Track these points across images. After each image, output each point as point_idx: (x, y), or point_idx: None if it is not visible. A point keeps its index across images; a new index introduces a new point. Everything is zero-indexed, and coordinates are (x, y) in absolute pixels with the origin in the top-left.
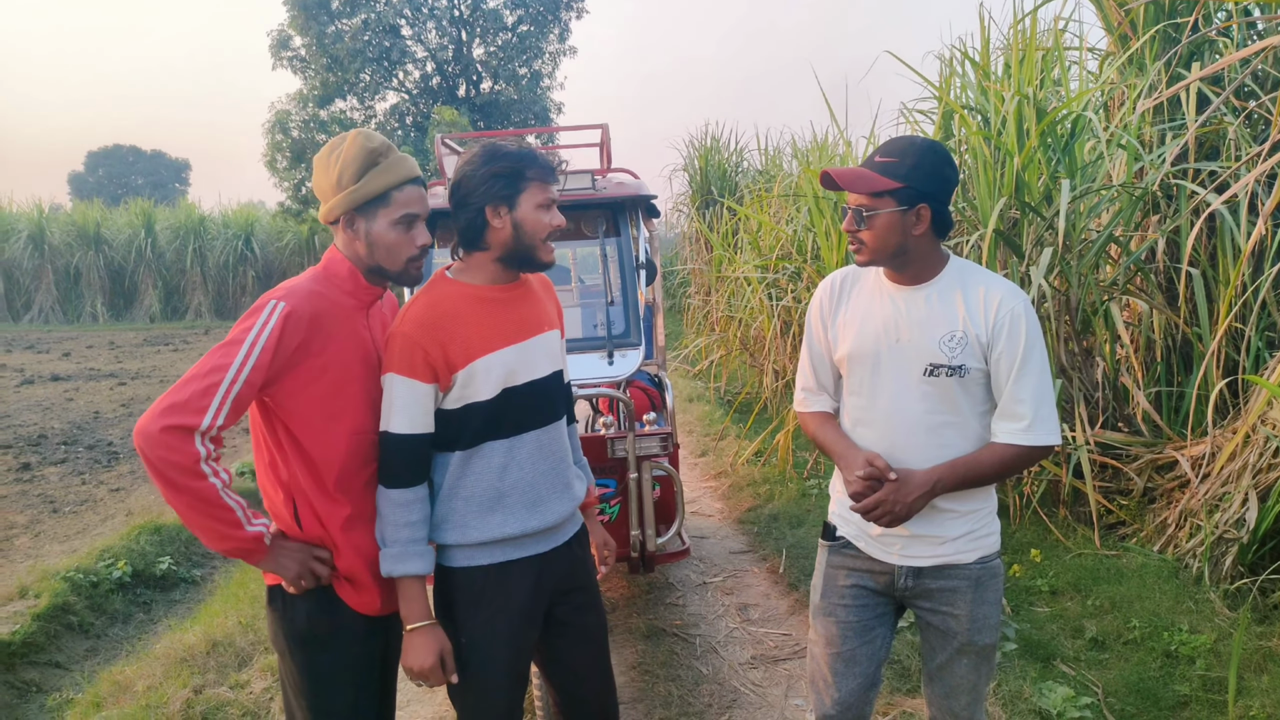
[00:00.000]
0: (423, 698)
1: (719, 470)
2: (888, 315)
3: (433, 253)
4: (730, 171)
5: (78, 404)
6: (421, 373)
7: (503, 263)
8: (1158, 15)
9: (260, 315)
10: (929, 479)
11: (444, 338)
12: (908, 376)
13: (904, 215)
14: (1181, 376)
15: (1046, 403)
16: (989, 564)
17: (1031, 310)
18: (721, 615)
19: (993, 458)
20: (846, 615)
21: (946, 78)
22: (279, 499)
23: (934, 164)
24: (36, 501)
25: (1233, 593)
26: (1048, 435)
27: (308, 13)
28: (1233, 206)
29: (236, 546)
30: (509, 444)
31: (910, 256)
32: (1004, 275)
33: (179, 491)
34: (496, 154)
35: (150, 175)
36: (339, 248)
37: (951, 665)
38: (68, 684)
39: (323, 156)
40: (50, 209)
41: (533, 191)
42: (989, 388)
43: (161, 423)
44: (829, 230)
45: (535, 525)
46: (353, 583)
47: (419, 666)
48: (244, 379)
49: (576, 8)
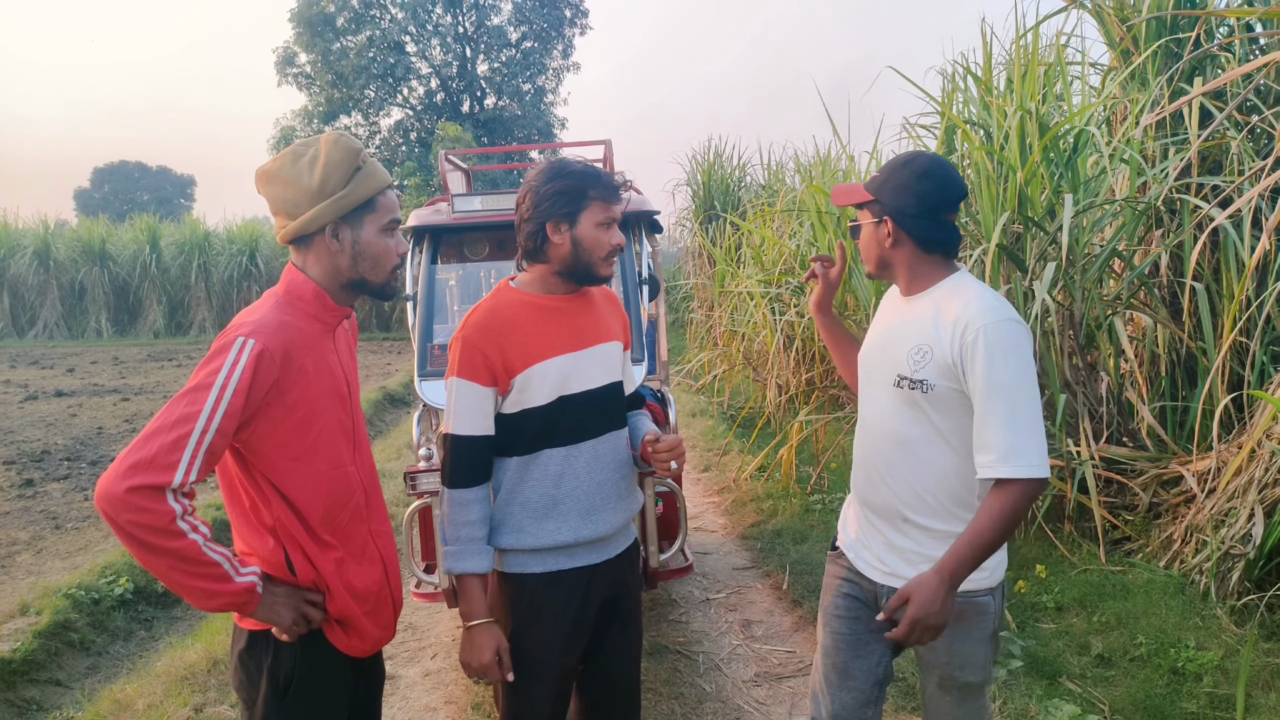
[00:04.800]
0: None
1: (722, 486)
2: (886, 324)
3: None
4: (733, 186)
5: (81, 420)
6: (481, 376)
7: (561, 276)
8: (1160, 30)
9: (228, 355)
10: (939, 572)
11: (503, 342)
12: (884, 386)
13: (876, 228)
14: (1186, 391)
15: (1024, 431)
16: (975, 599)
17: (1005, 329)
18: (724, 632)
19: (986, 515)
20: (839, 626)
21: (949, 92)
22: (267, 546)
23: (904, 178)
24: (39, 518)
25: (1239, 609)
26: (1026, 467)
27: (313, 30)
28: (1236, 221)
29: (227, 602)
30: (565, 452)
31: (893, 270)
32: (1006, 290)
33: (157, 554)
34: (561, 171)
35: (156, 191)
36: (302, 266)
37: (937, 697)
38: (68, 702)
39: (288, 164)
40: (56, 225)
41: (594, 210)
42: (967, 408)
43: (127, 483)
44: (832, 245)
45: (588, 534)
46: (343, 625)
47: (477, 663)
48: (215, 427)
49: (580, 24)
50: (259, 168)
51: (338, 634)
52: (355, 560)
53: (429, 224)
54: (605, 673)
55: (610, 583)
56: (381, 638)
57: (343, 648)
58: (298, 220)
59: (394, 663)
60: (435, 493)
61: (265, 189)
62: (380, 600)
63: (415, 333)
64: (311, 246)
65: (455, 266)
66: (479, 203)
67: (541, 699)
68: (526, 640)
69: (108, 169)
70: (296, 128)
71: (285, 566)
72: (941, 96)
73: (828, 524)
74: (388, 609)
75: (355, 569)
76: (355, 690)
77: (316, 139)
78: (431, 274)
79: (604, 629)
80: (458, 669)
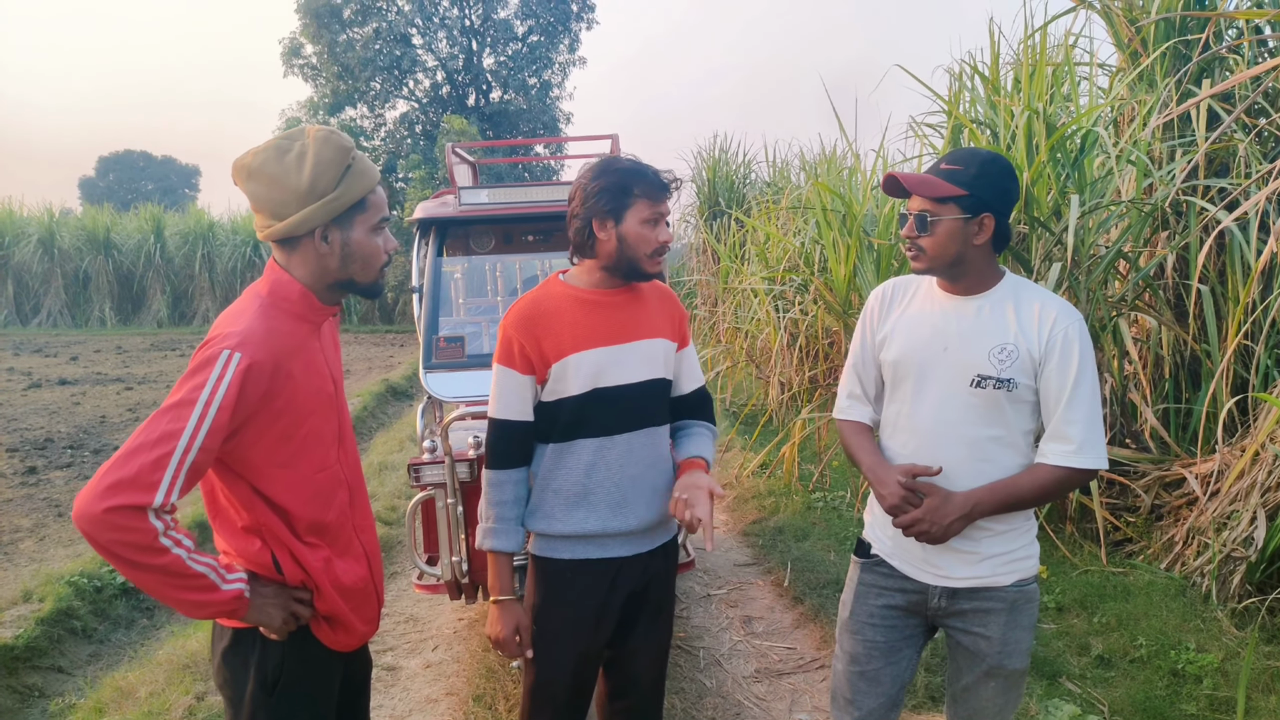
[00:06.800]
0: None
1: (724, 482)
2: (937, 324)
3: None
4: (738, 183)
5: (84, 408)
6: (518, 364)
7: (609, 271)
8: (1169, 32)
9: (213, 369)
10: (968, 501)
11: (539, 333)
12: (953, 387)
13: (966, 224)
14: (1190, 394)
15: (1096, 426)
16: (1025, 587)
17: (1086, 332)
18: (725, 628)
19: (1033, 482)
20: (874, 635)
21: (956, 92)
22: (253, 548)
23: (998, 174)
24: (42, 505)
25: (1240, 612)
26: (1096, 459)
27: (319, 21)
28: (1243, 224)
29: (216, 611)
30: (599, 444)
31: (967, 267)
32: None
33: (142, 570)
34: (608, 169)
35: (160, 181)
36: (287, 266)
37: (978, 688)
38: (70, 689)
39: (272, 160)
40: (60, 213)
41: (639, 208)
42: (1036, 406)
43: (106, 503)
44: (836, 243)
45: (616, 526)
46: (331, 622)
47: (495, 636)
48: (200, 445)
49: (587, 19)
50: (237, 160)
51: (325, 630)
52: (341, 557)
53: (436, 216)
54: (630, 663)
55: (640, 576)
56: (367, 632)
57: (330, 643)
58: (285, 222)
59: (395, 654)
60: (439, 485)
61: (245, 185)
62: (366, 595)
63: (420, 325)
64: (298, 248)
65: (461, 259)
66: (486, 196)
67: (560, 680)
68: (549, 621)
69: (113, 158)
70: (302, 119)
71: (273, 567)
72: (949, 95)
73: (829, 521)
74: (373, 604)
75: (342, 566)
76: (343, 684)
77: (302, 132)
78: (437, 266)
79: (632, 619)
80: (459, 661)
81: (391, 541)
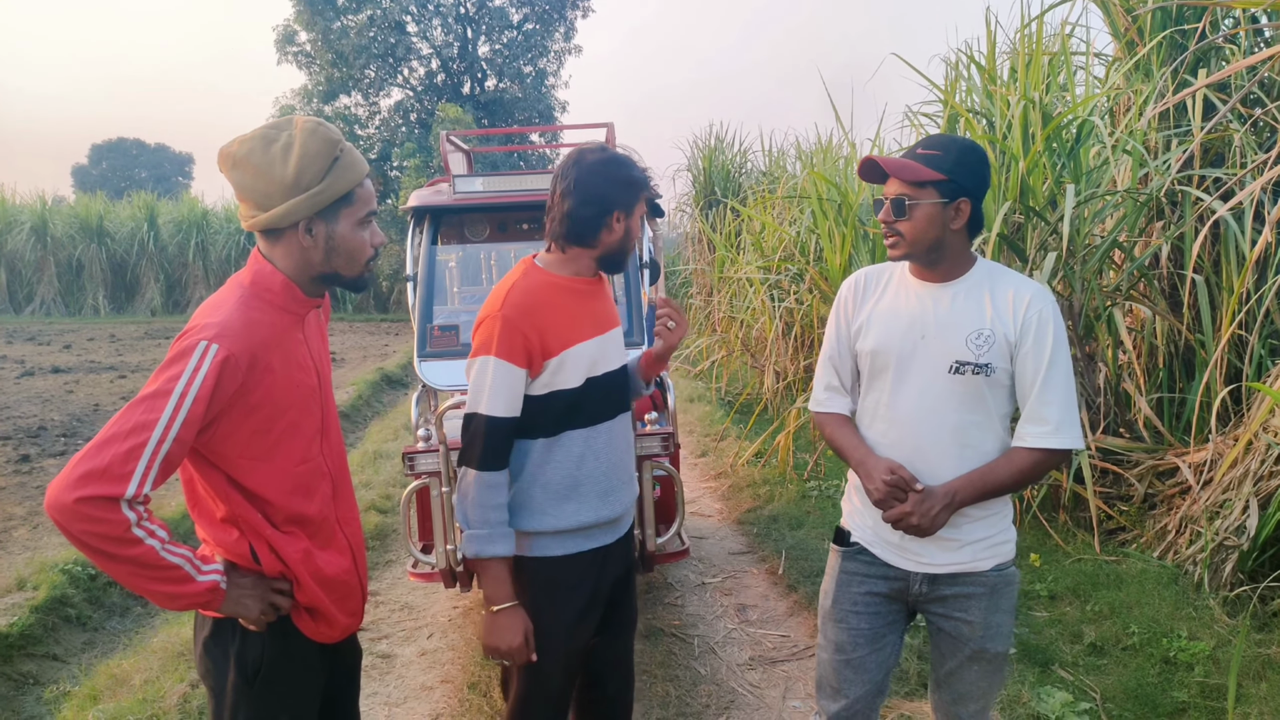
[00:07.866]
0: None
1: (719, 471)
2: (914, 312)
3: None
4: (734, 172)
5: (78, 396)
6: (519, 357)
7: (598, 262)
8: (1165, 21)
9: (189, 360)
10: (947, 492)
11: (542, 324)
12: (933, 374)
13: (944, 208)
14: (1184, 383)
15: (1071, 406)
16: (1004, 571)
17: (1059, 313)
18: (720, 616)
19: (1009, 466)
20: (858, 623)
21: (952, 81)
22: (231, 538)
23: (975, 161)
24: (35, 493)
25: (1232, 600)
26: (1073, 439)
27: (314, 8)
28: (1237, 214)
29: (191, 602)
30: (587, 434)
31: (944, 252)
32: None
33: (114, 561)
34: (627, 163)
35: (154, 169)
36: (271, 256)
37: (962, 672)
38: (65, 677)
39: (258, 150)
40: (53, 201)
41: (641, 206)
42: (1013, 390)
43: (77, 493)
44: (832, 232)
45: (606, 515)
46: (312, 614)
47: (505, 646)
48: (174, 437)
49: (582, 7)
50: (223, 148)
51: (306, 621)
52: (323, 549)
53: (430, 205)
54: (611, 648)
55: (620, 561)
56: (350, 625)
57: (312, 635)
58: (269, 214)
59: (390, 642)
60: (433, 473)
61: (230, 173)
62: (349, 588)
63: (415, 314)
64: (281, 239)
65: (455, 247)
66: (480, 184)
67: (557, 677)
68: (545, 621)
69: (106, 146)
70: (296, 106)
71: (250, 558)
72: (945, 85)
73: (823, 510)
74: (356, 596)
75: (323, 558)
76: (329, 675)
77: (290, 121)
78: (432, 255)
79: (612, 605)
80: (454, 649)
81: (386, 530)
